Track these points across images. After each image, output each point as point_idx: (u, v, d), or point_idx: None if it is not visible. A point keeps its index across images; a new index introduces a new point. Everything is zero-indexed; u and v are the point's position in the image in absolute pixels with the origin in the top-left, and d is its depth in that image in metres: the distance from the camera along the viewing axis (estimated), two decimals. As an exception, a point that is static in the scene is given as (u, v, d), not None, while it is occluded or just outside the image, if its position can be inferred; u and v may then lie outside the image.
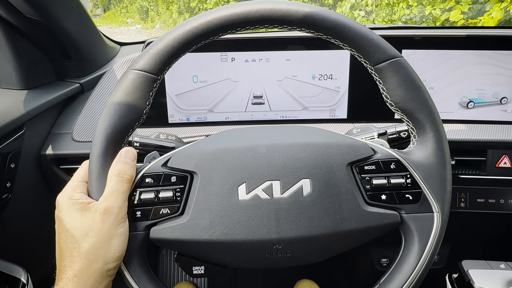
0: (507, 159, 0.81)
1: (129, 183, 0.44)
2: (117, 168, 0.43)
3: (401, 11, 3.95)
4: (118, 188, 0.43)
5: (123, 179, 0.43)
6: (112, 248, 0.41)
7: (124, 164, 0.44)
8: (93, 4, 13.14)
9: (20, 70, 0.76)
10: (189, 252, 0.49)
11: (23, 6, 0.69)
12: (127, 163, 0.44)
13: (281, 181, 0.45)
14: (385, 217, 0.46)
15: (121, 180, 0.43)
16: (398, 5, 3.98)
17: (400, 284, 0.45)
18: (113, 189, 0.42)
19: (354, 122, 0.84)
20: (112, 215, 0.41)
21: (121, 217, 0.42)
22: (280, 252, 0.46)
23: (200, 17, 0.43)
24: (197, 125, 0.84)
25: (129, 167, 0.44)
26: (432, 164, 0.47)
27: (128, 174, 0.44)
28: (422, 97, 0.46)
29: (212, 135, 0.52)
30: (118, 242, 0.42)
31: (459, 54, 0.79)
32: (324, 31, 0.44)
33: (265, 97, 0.83)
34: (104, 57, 0.95)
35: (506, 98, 0.81)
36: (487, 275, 0.67)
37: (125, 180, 0.43)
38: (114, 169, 0.43)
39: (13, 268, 0.63)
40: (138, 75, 0.44)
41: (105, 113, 0.44)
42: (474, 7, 2.94)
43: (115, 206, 0.42)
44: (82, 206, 0.42)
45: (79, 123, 0.80)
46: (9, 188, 0.69)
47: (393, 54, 0.45)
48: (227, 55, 0.79)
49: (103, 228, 0.41)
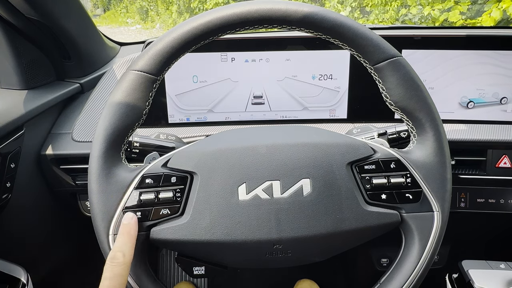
0: (507, 159, 0.81)
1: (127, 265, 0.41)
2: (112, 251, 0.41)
3: (394, 11, 3.94)
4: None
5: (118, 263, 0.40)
6: None
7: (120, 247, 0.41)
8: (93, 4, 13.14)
9: (20, 70, 0.76)
10: (189, 253, 0.49)
11: (23, 6, 0.69)
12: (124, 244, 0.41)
13: (281, 181, 0.45)
14: (385, 217, 0.46)
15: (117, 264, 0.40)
16: (391, 4, 3.98)
17: (400, 284, 0.45)
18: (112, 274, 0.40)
19: (354, 122, 0.84)
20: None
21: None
22: (280, 252, 0.46)
23: (199, 18, 0.43)
24: (197, 125, 0.84)
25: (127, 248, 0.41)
26: (432, 163, 0.47)
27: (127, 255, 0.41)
28: (422, 96, 0.46)
29: (212, 135, 0.52)
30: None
31: (459, 54, 0.79)
32: (323, 31, 0.44)
33: (265, 97, 0.83)
34: (104, 57, 0.95)
35: (506, 98, 0.81)
36: (487, 275, 0.67)
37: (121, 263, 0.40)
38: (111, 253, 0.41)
39: (13, 268, 0.63)
40: (137, 76, 0.44)
41: (105, 113, 0.44)
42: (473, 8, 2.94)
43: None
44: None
45: (79, 123, 0.80)
46: (9, 188, 0.69)
47: (392, 53, 0.45)
48: (227, 55, 0.79)
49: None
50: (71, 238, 0.98)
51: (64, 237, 0.95)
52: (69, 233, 0.97)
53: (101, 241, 0.44)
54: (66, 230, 0.95)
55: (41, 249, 0.86)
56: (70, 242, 0.97)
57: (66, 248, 0.96)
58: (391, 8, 3.97)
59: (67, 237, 0.96)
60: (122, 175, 0.45)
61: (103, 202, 0.44)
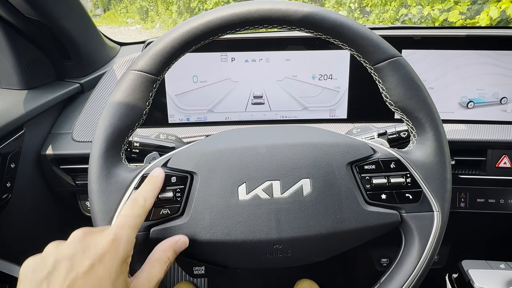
0: (507, 159, 0.81)
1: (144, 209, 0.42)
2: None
3: (393, 10, 3.94)
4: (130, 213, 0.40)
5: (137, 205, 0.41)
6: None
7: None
8: (93, 4, 13.13)
9: (20, 70, 0.76)
10: (189, 252, 0.49)
11: (23, 6, 0.69)
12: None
13: (281, 181, 0.45)
14: (385, 217, 0.46)
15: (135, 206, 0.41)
16: (390, 4, 3.98)
17: (400, 284, 0.45)
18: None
19: (354, 122, 0.84)
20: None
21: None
22: (280, 252, 0.46)
23: (199, 18, 0.43)
24: (197, 125, 0.84)
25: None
26: (432, 163, 0.47)
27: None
28: (422, 96, 0.46)
29: (212, 135, 0.52)
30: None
31: (459, 54, 0.79)
32: (323, 31, 0.44)
33: (265, 97, 0.83)
34: (104, 57, 0.95)
35: (506, 98, 0.81)
36: (487, 275, 0.67)
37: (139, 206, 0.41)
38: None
39: (13, 268, 0.63)
40: (137, 76, 0.44)
41: (105, 113, 0.44)
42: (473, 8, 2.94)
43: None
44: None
45: (79, 123, 0.80)
46: (9, 188, 0.69)
47: (392, 53, 0.45)
48: (227, 55, 0.79)
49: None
50: (71, 238, 0.98)
51: (64, 237, 0.94)
52: (69, 233, 0.96)
53: None
54: (66, 230, 0.95)
55: (41, 249, 0.86)
56: (70, 242, 0.97)
57: (66, 248, 0.96)
58: (391, 8, 3.98)
59: (67, 237, 0.96)
60: (122, 175, 0.45)
61: (103, 202, 0.44)
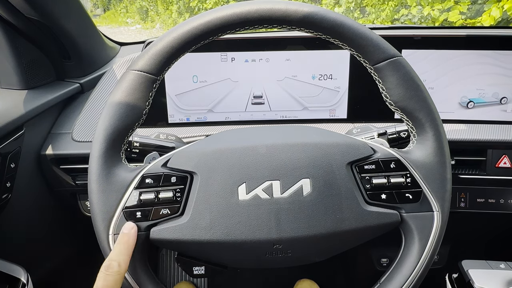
0: (507, 159, 0.81)
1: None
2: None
3: (390, 10, 3.94)
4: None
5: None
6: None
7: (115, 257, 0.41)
8: (93, 4, 13.12)
9: (20, 70, 0.76)
10: (189, 252, 0.49)
11: (23, 6, 0.69)
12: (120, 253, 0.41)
13: (281, 181, 0.45)
14: (385, 217, 0.46)
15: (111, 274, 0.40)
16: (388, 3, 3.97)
17: (400, 284, 0.45)
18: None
19: (354, 122, 0.84)
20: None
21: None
22: (280, 252, 0.46)
23: (199, 18, 0.43)
24: (197, 125, 0.84)
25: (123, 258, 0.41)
26: (432, 163, 0.47)
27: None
28: (422, 96, 0.46)
29: (212, 135, 0.52)
30: None
31: (459, 54, 0.79)
32: (323, 30, 0.44)
33: (265, 97, 0.83)
34: (104, 57, 0.95)
35: (506, 98, 0.81)
36: (487, 275, 0.66)
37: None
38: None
39: (13, 268, 0.63)
40: (137, 76, 0.44)
41: (105, 113, 0.44)
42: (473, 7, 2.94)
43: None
44: None
45: (79, 123, 0.80)
46: (9, 188, 0.69)
47: (392, 53, 0.45)
48: (227, 55, 0.79)
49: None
50: (71, 238, 0.98)
51: (64, 237, 0.95)
52: (69, 233, 0.97)
53: (101, 241, 0.44)
54: (66, 230, 0.95)
55: (41, 249, 0.86)
56: (70, 242, 0.98)
57: (66, 248, 0.96)
58: (388, 7, 3.97)
59: (67, 237, 0.96)
60: (122, 175, 0.45)
61: (103, 202, 0.44)
